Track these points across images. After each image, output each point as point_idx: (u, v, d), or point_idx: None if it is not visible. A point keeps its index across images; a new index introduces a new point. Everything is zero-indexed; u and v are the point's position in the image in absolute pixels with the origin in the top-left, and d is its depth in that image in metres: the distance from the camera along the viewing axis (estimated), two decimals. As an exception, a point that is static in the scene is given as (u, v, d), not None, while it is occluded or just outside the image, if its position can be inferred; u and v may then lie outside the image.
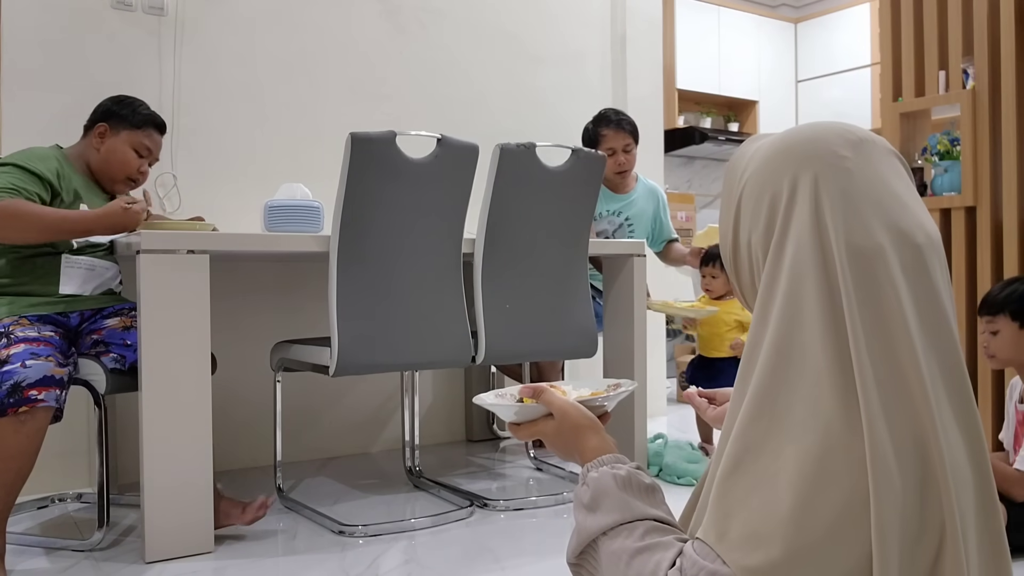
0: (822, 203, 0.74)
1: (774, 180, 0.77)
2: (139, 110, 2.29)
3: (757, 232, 0.78)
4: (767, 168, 0.78)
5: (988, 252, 2.72)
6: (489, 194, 2.37)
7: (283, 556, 2.06)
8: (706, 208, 6.14)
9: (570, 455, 0.95)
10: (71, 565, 1.98)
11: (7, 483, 1.86)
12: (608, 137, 3.20)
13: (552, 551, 2.05)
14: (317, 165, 2.95)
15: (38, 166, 2.07)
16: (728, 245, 0.83)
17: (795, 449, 0.69)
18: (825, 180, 0.74)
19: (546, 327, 2.52)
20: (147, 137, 2.29)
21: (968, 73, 2.81)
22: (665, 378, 4.11)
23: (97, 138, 2.25)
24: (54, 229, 2.02)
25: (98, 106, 2.30)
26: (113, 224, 2.03)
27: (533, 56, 3.73)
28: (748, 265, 0.81)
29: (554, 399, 0.96)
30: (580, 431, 0.93)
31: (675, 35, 5.51)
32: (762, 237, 0.77)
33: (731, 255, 0.84)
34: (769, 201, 0.77)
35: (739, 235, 0.81)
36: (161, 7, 2.88)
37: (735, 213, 0.81)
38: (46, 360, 1.91)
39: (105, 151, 2.25)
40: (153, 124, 2.31)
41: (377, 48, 3.34)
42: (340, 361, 2.15)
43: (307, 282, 3.04)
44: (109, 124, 2.25)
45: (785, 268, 0.74)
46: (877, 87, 5.49)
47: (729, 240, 0.83)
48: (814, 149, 0.76)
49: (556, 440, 0.95)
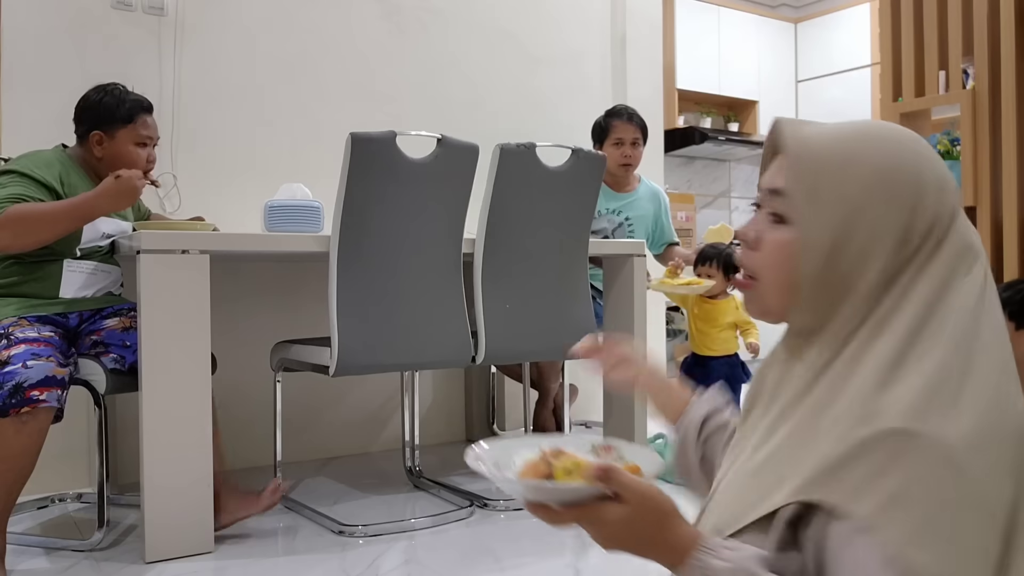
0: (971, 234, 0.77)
1: (909, 207, 0.74)
2: (123, 101, 2.21)
3: (887, 243, 0.75)
4: (893, 190, 0.75)
5: (988, 252, 2.72)
6: (489, 194, 2.37)
7: (283, 556, 2.06)
8: (706, 208, 6.14)
9: (644, 549, 0.74)
10: (71, 565, 1.98)
11: (8, 483, 1.86)
12: (618, 128, 3.23)
13: (552, 551, 2.05)
14: (317, 165, 2.95)
15: (42, 173, 2.06)
16: (825, 244, 0.76)
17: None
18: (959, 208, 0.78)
19: (546, 327, 2.52)
20: (142, 126, 2.23)
21: (968, 73, 2.81)
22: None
23: (96, 146, 2.19)
24: (63, 220, 1.99)
25: (81, 108, 2.22)
26: (112, 195, 1.99)
27: (533, 56, 3.73)
28: (855, 269, 0.75)
29: (630, 481, 0.72)
30: (668, 519, 0.73)
31: (675, 35, 5.51)
32: (896, 249, 0.75)
33: (827, 256, 0.76)
34: (905, 224, 0.75)
35: (851, 240, 0.75)
36: (161, 7, 2.89)
37: (846, 218, 0.75)
38: (47, 360, 1.91)
39: (109, 157, 2.19)
40: (142, 110, 2.24)
41: (377, 48, 3.34)
42: (340, 361, 2.15)
43: (307, 282, 3.04)
44: (103, 130, 2.19)
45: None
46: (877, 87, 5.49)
47: (827, 240, 0.75)
48: (945, 183, 0.77)
49: (623, 532, 0.73)
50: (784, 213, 0.79)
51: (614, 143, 3.23)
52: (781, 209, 0.79)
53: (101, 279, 2.22)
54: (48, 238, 2.02)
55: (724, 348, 2.95)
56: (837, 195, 0.75)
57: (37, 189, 2.03)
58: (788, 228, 0.78)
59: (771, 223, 0.80)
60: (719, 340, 2.94)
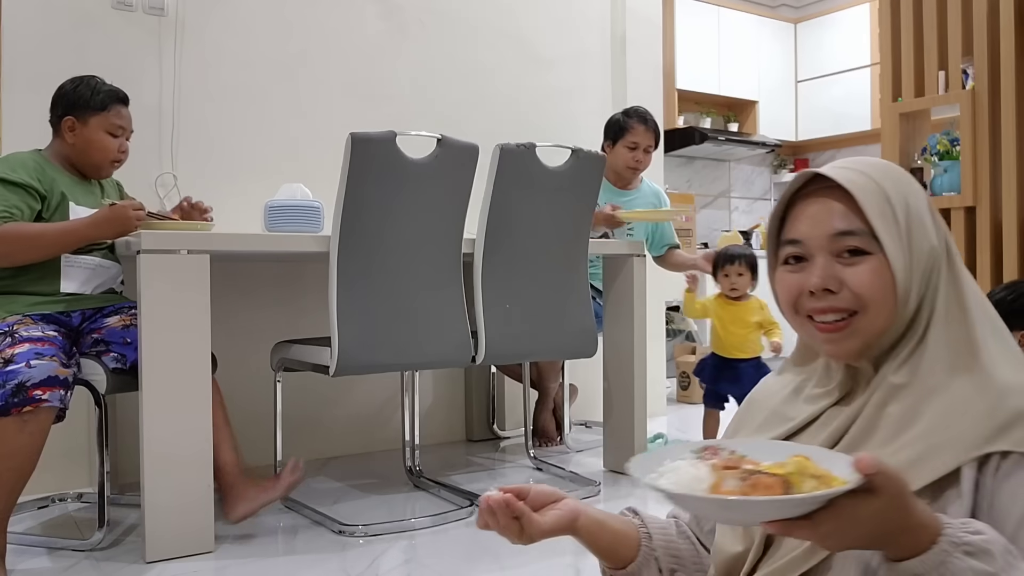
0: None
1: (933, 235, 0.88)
2: (98, 91, 2.21)
3: (938, 250, 0.88)
4: (926, 204, 0.90)
5: (988, 252, 2.72)
6: (489, 194, 2.38)
7: (283, 556, 2.06)
8: (706, 208, 6.14)
9: (887, 539, 0.70)
10: (71, 565, 1.98)
11: (9, 482, 1.86)
12: (637, 131, 3.23)
13: (552, 551, 2.05)
14: (317, 165, 2.95)
15: (20, 175, 2.06)
16: (908, 260, 0.86)
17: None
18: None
19: (546, 327, 2.52)
20: (116, 116, 2.22)
21: (968, 73, 2.81)
22: (665, 378, 4.11)
23: (68, 132, 2.19)
24: (54, 245, 2.06)
25: (56, 97, 2.23)
26: (105, 224, 2.05)
27: (533, 56, 3.74)
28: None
29: (891, 468, 0.68)
30: (915, 501, 0.70)
31: (675, 35, 5.51)
32: (944, 253, 0.88)
33: (909, 270, 0.86)
34: (939, 231, 0.89)
35: (919, 253, 0.87)
36: (161, 8, 2.89)
37: (909, 234, 0.87)
38: (50, 360, 1.92)
39: (80, 143, 2.19)
40: (116, 100, 2.24)
41: (377, 48, 3.35)
42: (340, 361, 2.16)
43: (307, 282, 3.04)
44: (75, 116, 2.18)
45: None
46: (877, 87, 5.49)
47: (907, 256, 0.86)
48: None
49: (875, 526, 0.68)
50: (861, 247, 0.86)
51: (629, 145, 3.23)
52: (856, 244, 0.86)
53: (102, 275, 2.23)
54: (38, 259, 2.07)
55: (752, 350, 2.94)
56: (901, 216, 0.86)
57: (20, 195, 2.05)
58: (871, 258, 0.86)
59: (843, 264, 0.87)
60: (749, 341, 2.93)
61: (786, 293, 0.91)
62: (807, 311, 0.89)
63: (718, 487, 0.71)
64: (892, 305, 0.85)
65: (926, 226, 0.87)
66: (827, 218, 0.87)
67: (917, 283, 0.86)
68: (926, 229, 0.87)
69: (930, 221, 0.88)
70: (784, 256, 0.91)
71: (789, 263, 0.91)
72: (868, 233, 0.85)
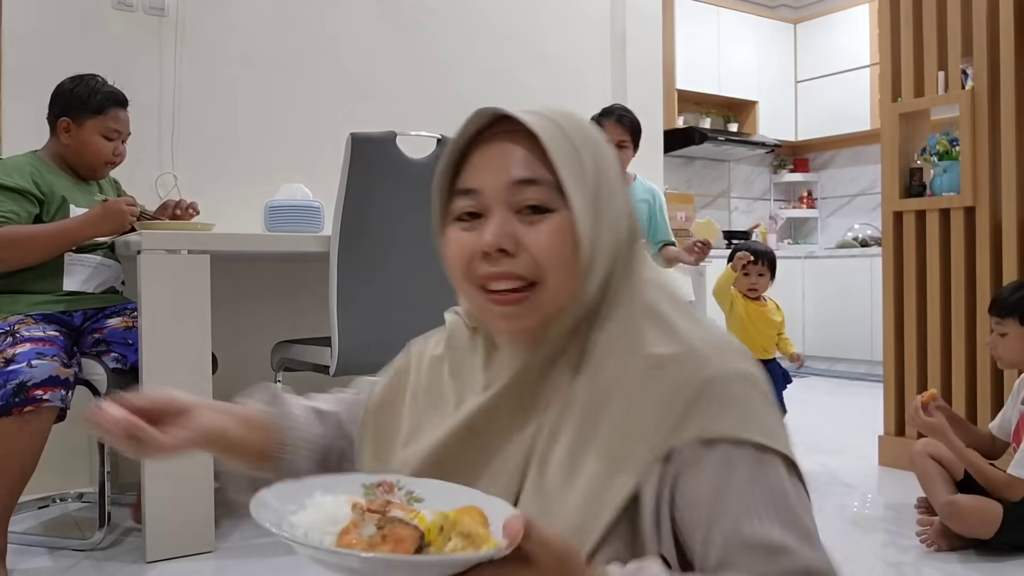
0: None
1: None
2: (96, 92, 2.19)
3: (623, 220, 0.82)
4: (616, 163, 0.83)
5: (987, 252, 2.72)
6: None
7: (283, 556, 2.06)
8: (705, 208, 6.14)
9: None
10: (72, 564, 1.98)
11: (10, 482, 1.86)
12: (606, 128, 3.22)
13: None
14: (317, 165, 2.95)
15: (15, 180, 2.06)
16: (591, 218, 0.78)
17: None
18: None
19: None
20: (112, 120, 2.21)
21: (967, 73, 2.81)
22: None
23: (63, 133, 2.18)
24: (51, 246, 2.06)
25: (55, 95, 2.22)
26: (99, 221, 2.05)
27: (533, 56, 3.74)
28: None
29: (551, 537, 0.59)
30: (572, 569, 0.61)
31: (675, 35, 5.51)
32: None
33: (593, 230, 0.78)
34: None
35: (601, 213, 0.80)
36: (161, 8, 2.89)
37: (600, 189, 0.80)
38: (51, 360, 1.92)
39: (75, 144, 2.18)
40: (114, 103, 2.22)
41: (377, 48, 3.35)
42: (341, 361, 2.16)
43: (307, 282, 3.04)
44: (71, 117, 2.17)
45: None
46: (876, 87, 5.49)
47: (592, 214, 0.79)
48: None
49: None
50: (544, 202, 0.75)
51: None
52: (538, 198, 0.75)
53: (103, 273, 2.23)
54: (36, 260, 2.07)
55: (771, 352, 2.92)
56: (590, 171, 0.75)
57: (17, 200, 2.05)
58: (553, 216, 0.74)
59: (524, 223, 0.75)
60: (773, 343, 2.92)
61: (457, 255, 0.77)
62: (480, 278, 0.76)
63: (349, 532, 0.61)
64: (575, 276, 0.74)
65: (616, 194, 0.76)
66: (507, 164, 0.75)
67: (605, 253, 0.75)
68: (616, 197, 0.76)
69: (622, 199, 0.77)
70: (457, 212, 0.78)
71: (463, 220, 0.78)
72: (553, 185, 0.74)
